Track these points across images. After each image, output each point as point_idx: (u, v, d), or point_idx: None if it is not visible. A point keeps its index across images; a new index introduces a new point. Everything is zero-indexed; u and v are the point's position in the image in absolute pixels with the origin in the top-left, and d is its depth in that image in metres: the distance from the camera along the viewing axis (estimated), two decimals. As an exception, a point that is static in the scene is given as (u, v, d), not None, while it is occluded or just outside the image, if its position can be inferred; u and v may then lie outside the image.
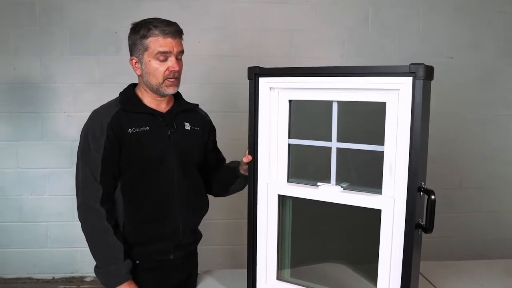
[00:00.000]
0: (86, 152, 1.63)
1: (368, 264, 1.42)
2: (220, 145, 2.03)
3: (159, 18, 1.68)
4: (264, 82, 1.52)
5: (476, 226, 3.69)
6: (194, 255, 1.91)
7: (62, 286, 3.45)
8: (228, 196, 1.91)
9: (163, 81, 1.66)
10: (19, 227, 3.41)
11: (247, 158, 1.62)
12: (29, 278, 3.48)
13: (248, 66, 1.58)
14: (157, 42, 1.63)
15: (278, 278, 1.60)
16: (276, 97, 1.53)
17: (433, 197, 1.26)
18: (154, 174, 1.68)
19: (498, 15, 3.53)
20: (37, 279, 3.48)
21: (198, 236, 1.89)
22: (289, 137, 1.54)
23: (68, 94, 3.29)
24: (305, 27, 3.40)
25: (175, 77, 1.69)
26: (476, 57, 3.54)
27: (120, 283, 1.59)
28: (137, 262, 1.69)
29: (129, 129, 1.64)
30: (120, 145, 1.63)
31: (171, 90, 1.70)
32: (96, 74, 3.28)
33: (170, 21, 1.68)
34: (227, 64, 3.34)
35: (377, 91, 1.33)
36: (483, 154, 3.65)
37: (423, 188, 1.29)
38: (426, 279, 1.80)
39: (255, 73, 1.53)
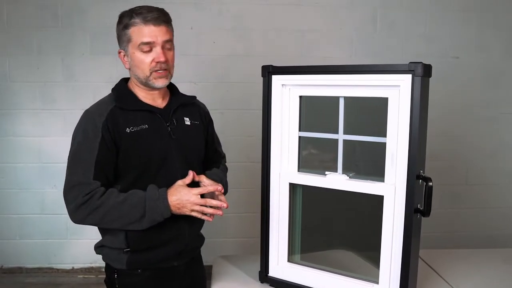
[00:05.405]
0: (78, 155, 1.47)
1: (374, 251, 1.49)
2: (234, 141, 2.01)
3: (145, 5, 1.51)
4: (276, 80, 1.59)
5: (482, 222, 3.73)
6: (198, 260, 1.80)
7: (81, 276, 3.55)
8: (242, 191, 1.87)
9: (150, 73, 1.51)
10: (41, 219, 3.51)
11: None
12: (50, 268, 3.58)
13: (261, 65, 1.62)
14: (139, 32, 1.47)
15: (288, 261, 1.68)
16: (287, 93, 1.60)
17: (430, 184, 1.34)
18: (156, 175, 1.54)
19: (504, 16, 3.57)
20: (58, 269, 3.58)
21: (202, 239, 1.78)
22: (300, 130, 1.62)
23: (88, 92, 3.38)
24: (316, 27, 3.47)
25: (164, 68, 1.52)
26: (482, 57, 3.59)
27: (165, 204, 1.46)
28: (139, 271, 1.58)
29: (127, 129, 1.50)
30: (117, 147, 1.48)
31: (160, 83, 1.54)
32: (114, 73, 3.39)
33: (154, 7, 1.50)
34: (241, 63, 3.41)
35: (380, 88, 1.41)
36: (489, 151, 3.70)
37: (422, 176, 1.37)
38: (426, 263, 1.86)
39: (268, 71, 1.59)
